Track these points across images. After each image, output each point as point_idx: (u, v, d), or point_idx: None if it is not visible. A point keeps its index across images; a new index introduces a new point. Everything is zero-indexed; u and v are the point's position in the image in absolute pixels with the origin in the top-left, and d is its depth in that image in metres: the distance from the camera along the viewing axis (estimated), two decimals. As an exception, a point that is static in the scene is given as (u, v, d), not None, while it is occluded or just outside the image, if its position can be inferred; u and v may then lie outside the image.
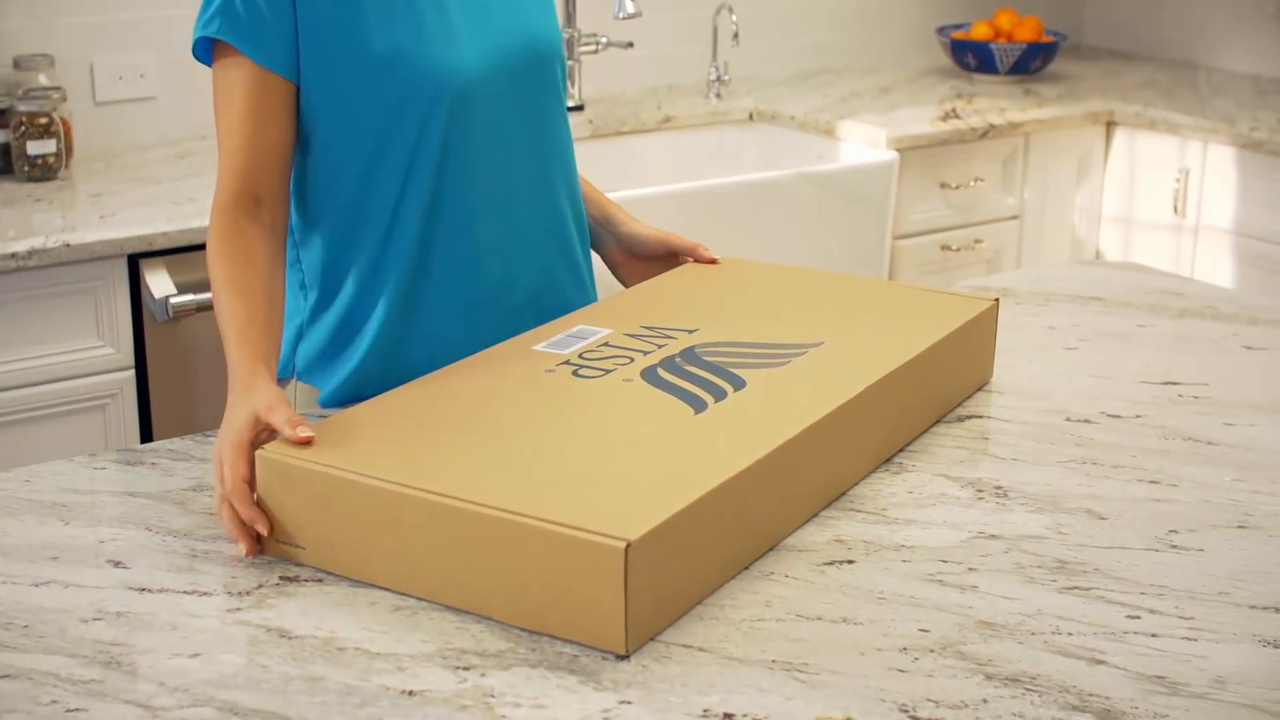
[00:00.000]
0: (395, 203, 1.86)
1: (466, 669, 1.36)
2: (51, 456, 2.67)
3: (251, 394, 1.63)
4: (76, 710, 1.29)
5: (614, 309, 1.94)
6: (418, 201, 1.85)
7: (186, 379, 2.88)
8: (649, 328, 1.86)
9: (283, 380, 1.96)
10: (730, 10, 3.87)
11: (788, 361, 1.76)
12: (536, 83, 1.93)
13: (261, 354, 1.71)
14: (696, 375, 1.72)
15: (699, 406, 1.64)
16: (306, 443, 1.54)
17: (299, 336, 1.96)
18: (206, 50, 1.82)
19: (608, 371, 1.73)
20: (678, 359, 1.77)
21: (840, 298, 1.97)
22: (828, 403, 1.63)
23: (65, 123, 3.10)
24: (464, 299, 1.90)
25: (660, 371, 1.73)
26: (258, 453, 1.53)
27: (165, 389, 2.86)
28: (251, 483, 1.55)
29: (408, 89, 1.81)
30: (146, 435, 2.86)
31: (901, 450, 1.81)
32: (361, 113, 1.82)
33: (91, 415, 2.79)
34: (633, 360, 1.76)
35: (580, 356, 1.77)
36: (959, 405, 1.93)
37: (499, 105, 1.89)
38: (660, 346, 1.80)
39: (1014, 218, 3.87)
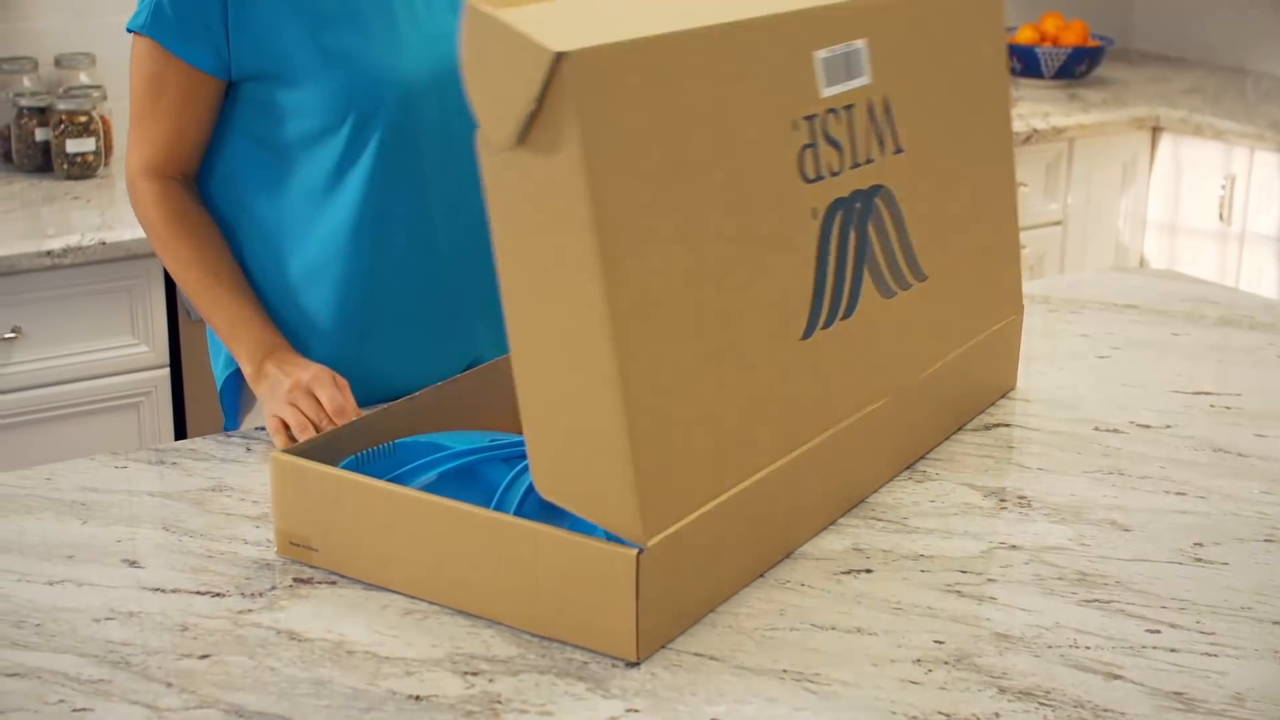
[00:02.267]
0: (337, 206, 1.86)
1: (475, 674, 1.35)
2: (85, 453, 2.68)
3: (313, 362, 1.79)
4: (83, 710, 1.29)
5: None
6: (360, 206, 1.85)
7: (221, 378, 2.89)
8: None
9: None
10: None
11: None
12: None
13: (274, 327, 1.86)
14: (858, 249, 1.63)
15: (810, 326, 1.56)
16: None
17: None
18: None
19: (834, 173, 1.59)
20: (859, 205, 1.64)
21: None
22: (848, 410, 1.61)
23: (105, 121, 3.11)
24: (416, 305, 1.91)
25: (839, 217, 1.61)
26: (271, 454, 1.53)
27: (199, 388, 2.87)
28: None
29: (349, 92, 1.81)
30: (180, 433, 2.87)
31: (926, 457, 1.79)
32: (305, 111, 1.83)
33: (125, 413, 2.80)
34: (840, 166, 1.61)
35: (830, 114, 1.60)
36: (986, 412, 1.91)
37: (445, 112, 1.86)
38: (862, 163, 1.64)
39: (1057, 223, 3.84)
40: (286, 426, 1.74)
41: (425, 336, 1.92)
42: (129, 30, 1.83)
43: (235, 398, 1.99)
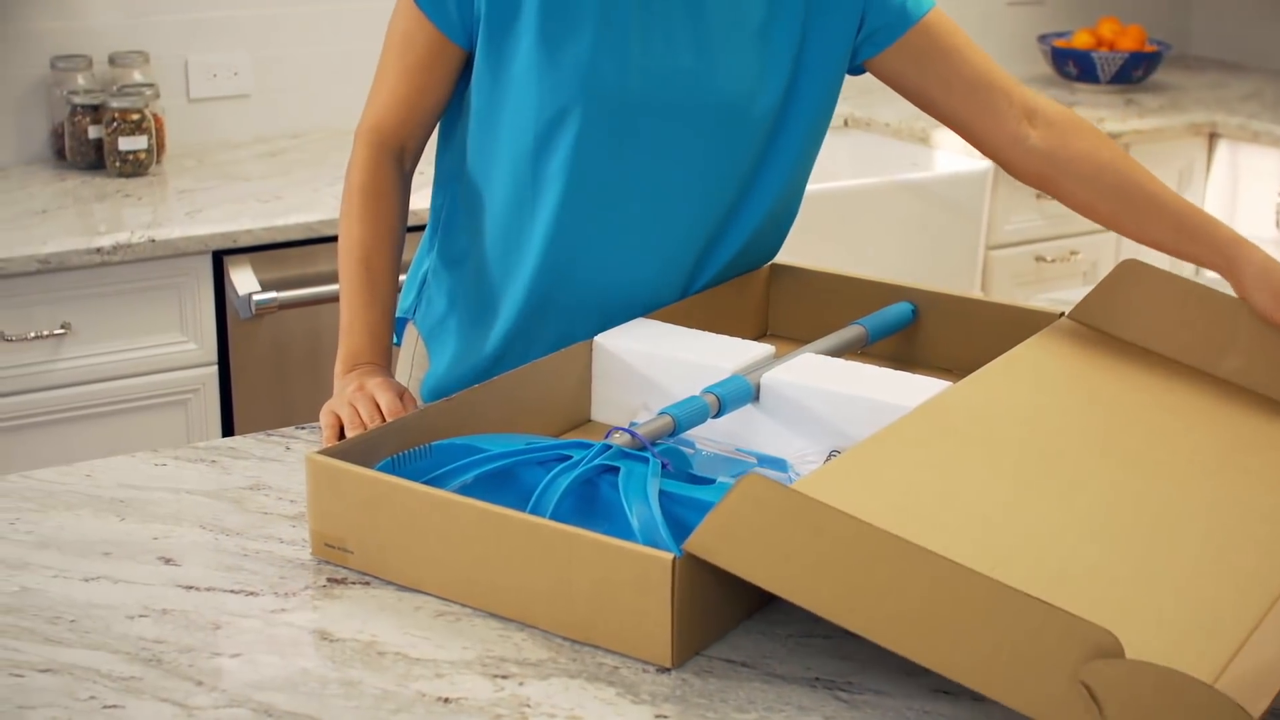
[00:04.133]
0: (525, 201, 1.89)
1: (505, 677, 1.35)
2: (133, 450, 2.70)
3: (387, 374, 1.83)
4: (113, 707, 1.30)
5: None
6: (543, 206, 1.87)
7: (268, 376, 2.90)
8: None
9: (400, 322, 2.07)
10: (826, 16, 3.83)
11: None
12: (702, 128, 1.87)
13: (385, 344, 1.87)
14: None
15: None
16: None
17: (423, 283, 2.03)
18: None
19: None
20: None
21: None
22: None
23: (158, 119, 3.13)
24: (572, 309, 1.93)
25: None
26: (306, 455, 1.53)
27: (247, 386, 2.88)
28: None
29: (557, 93, 1.82)
30: (228, 431, 2.88)
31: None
32: (519, 103, 1.85)
33: (174, 410, 2.82)
34: None
35: None
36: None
37: (654, 131, 1.86)
38: None
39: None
40: (340, 426, 1.74)
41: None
42: None
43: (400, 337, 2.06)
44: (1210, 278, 2.21)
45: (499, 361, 1.94)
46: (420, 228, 2.74)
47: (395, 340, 2.03)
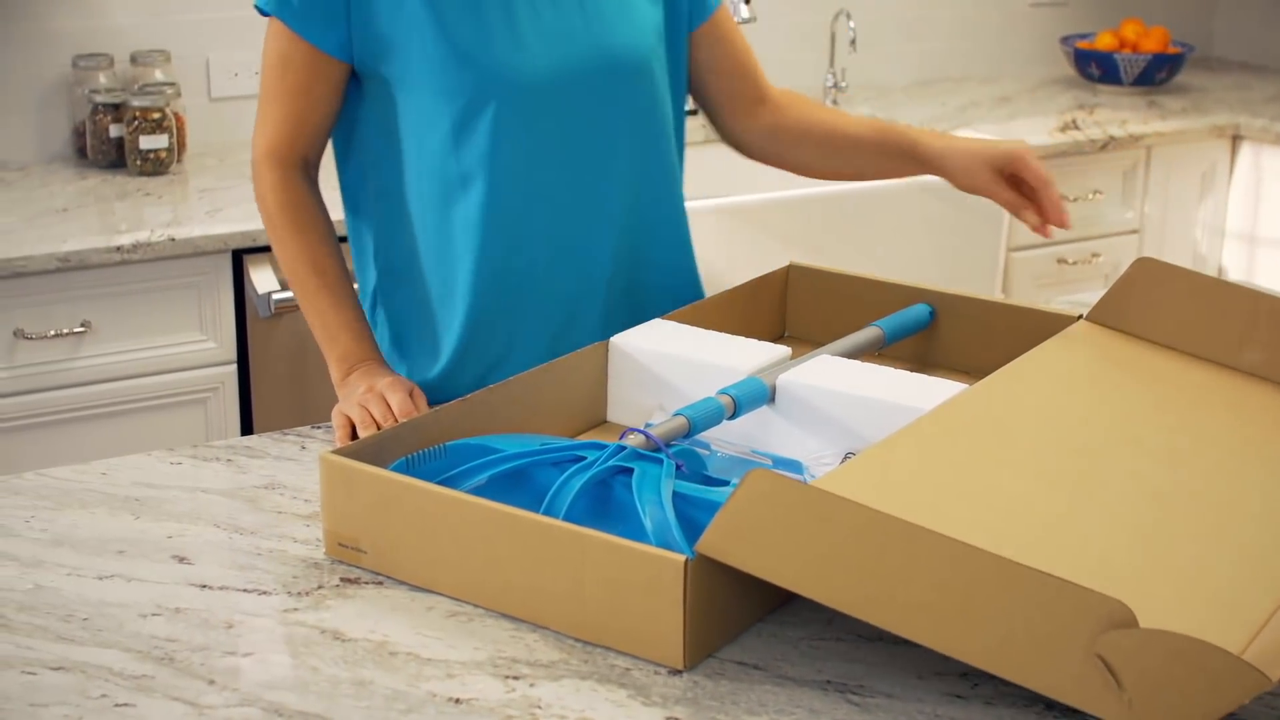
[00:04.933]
0: (453, 196, 1.88)
1: (516, 678, 1.35)
2: (152, 448, 2.70)
3: (398, 375, 1.84)
4: (124, 705, 1.30)
5: None
6: (473, 196, 1.87)
7: (287, 375, 2.90)
8: None
9: None
10: (848, 16, 3.83)
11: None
12: (609, 95, 1.91)
13: (370, 339, 1.89)
14: None
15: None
16: None
17: (372, 311, 2.02)
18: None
19: None
20: None
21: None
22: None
23: (179, 118, 3.13)
24: (523, 301, 1.93)
25: None
26: (320, 455, 1.53)
27: (266, 384, 2.89)
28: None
29: (463, 87, 1.83)
30: (247, 429, 2.88)
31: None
32: (421, 104, 1.85)
33: (193, 409, 2.82)
34: None
35: None
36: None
37: (562, 112, 1.87)
38: None
39: (1133, 232, 3.79)
40: (352, 427, 1.75)
41: (530, 333, 1.94)
42: (257, 9, 1.86)
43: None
44: (1232, 277, 2.20)
45: (460, 365, 1.93)
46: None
47: None
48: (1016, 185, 1.95)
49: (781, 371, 1.77)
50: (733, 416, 1.71)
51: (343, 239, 2.02)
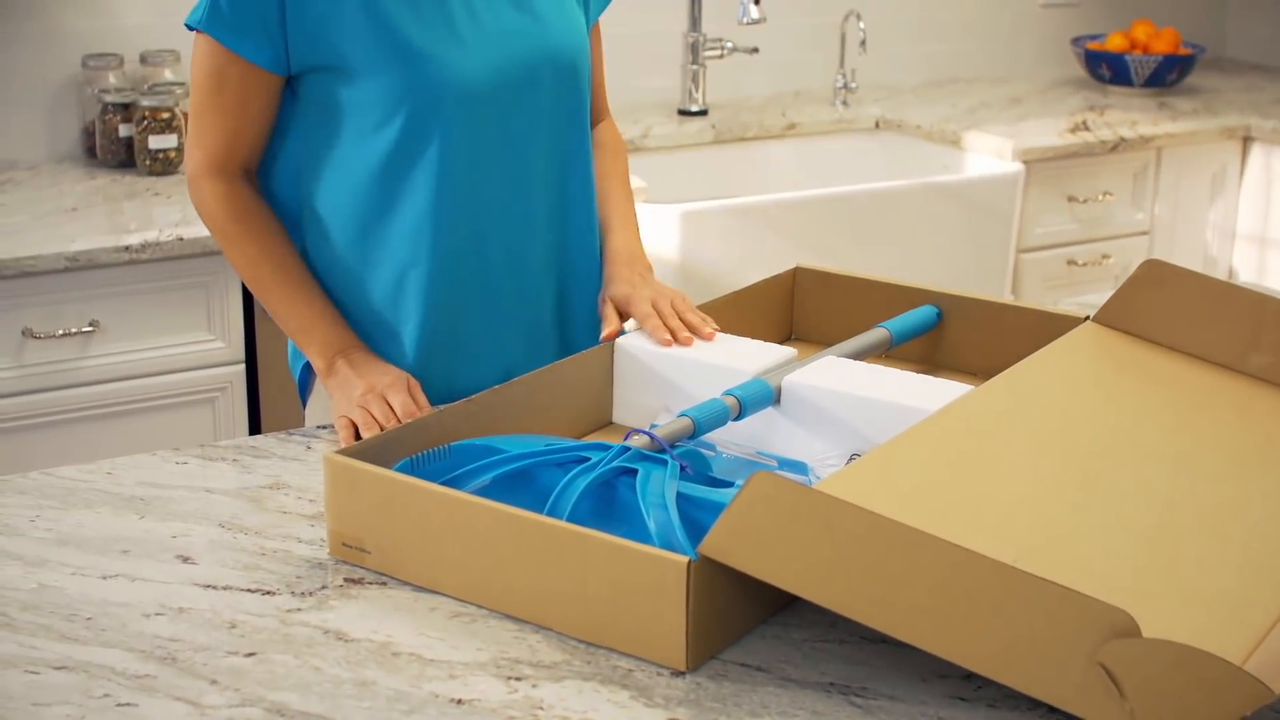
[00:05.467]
0: (399, 206, 1.86)
1: (518, 679, 1.34)
2: (160, 448, 2.70)
3: (389, 365, 1.83)
4: (126, 705, 1.30)
5: None
6: (421, 205, 1.85)
7: (295, 375, 2.90)
8: None
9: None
10: (858, 17, 3.83)
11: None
12: (549, 93, 1.90)
13: (346, 326, 1.89)
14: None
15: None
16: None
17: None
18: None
19: None
20: None
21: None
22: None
23: (187, 118, 3.13)
24: (466, 306, 1.91)
25: None
26: (325, 455, 1.53)
27: (274, 384, 2.89)
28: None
29: (406, 91, 1.81)
30: (255, 429, 2.89)
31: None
32: (362, 110, 1.83)
33: (201, 408, 2.82)
34: None
35: None
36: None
37: (504, 112, 1.87)
38: None
39: (1143, 233, 3.79)
40: (355, 428, 1.75)
41: (473, 338, 1.92)
42: (187, 26, 1.84)
43: (309, 388, 2.01)
44: (1242, 279, 2.20)
45: (423, 371, 1.90)
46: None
47: (302, 393, 2.03)
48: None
49: (787, 373, 1.77)
50: (738, 418, 1.71)
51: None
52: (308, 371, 1.99)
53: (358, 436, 1.74)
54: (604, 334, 1.89)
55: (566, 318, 1.99)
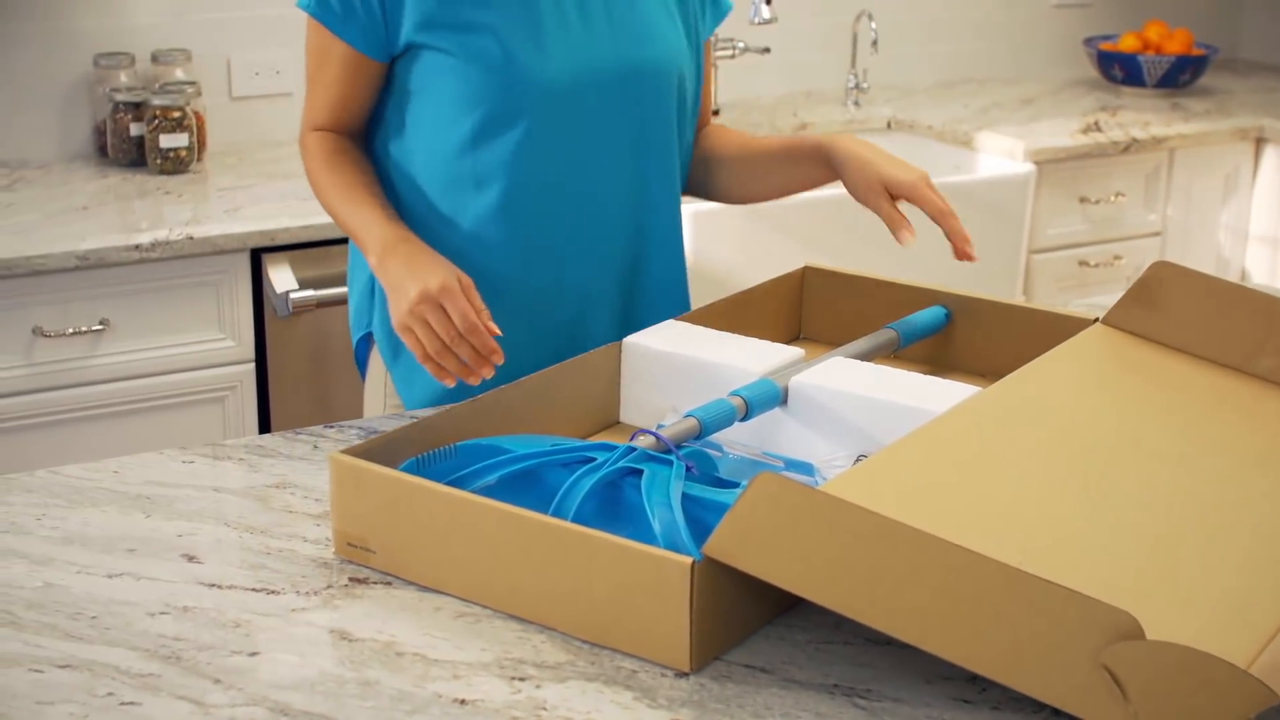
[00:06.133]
0: (473, 193, 1.90)
1: (522, 679, 1.34)
2: (170, 447, 2.71)
3: (438, 260, 1.79)
4: (130, 704, 1.30)
5: None
6: (491, 199, 1.90)
7: (305, 374, 2.90)
8: None
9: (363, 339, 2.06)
10: (870, 17, 3.82)
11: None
12: (631, 102, 1.93)
13: (401, 222, 1.88)
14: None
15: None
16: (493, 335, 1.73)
17: (372, 289, 2.02)
18: None
19: None
20: None
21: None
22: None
23: (199, 117, 3.14)
24: (516, 302, 1.93)
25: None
26: (330, 455, 1.53)
27: (284, 383, 2.89)
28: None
29: (486, 92, 1.85)
30: (265, 428, 2.89)
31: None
32: (442, 105, 1.88)
33: (211, 407, 2.83)
34: None
35: None
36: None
37: (582, 118, 1.89)
38: None
39: (1156, 234, 3.78)
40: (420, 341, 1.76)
41: (545, 333, 1.96)
42: (299, 5, 1.90)
43: (366, 360, 2.06)
44: (1255, 281, 2.19)
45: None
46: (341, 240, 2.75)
47: (359, 366, 2.05)
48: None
49: (795, 373, 1.77)
50: (745, 418, 1.71)
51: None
52: (365, 344, 2.05)
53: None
54: (902, 236, 1.93)
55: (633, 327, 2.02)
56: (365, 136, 1.99)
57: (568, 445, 1.58)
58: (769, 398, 1.73)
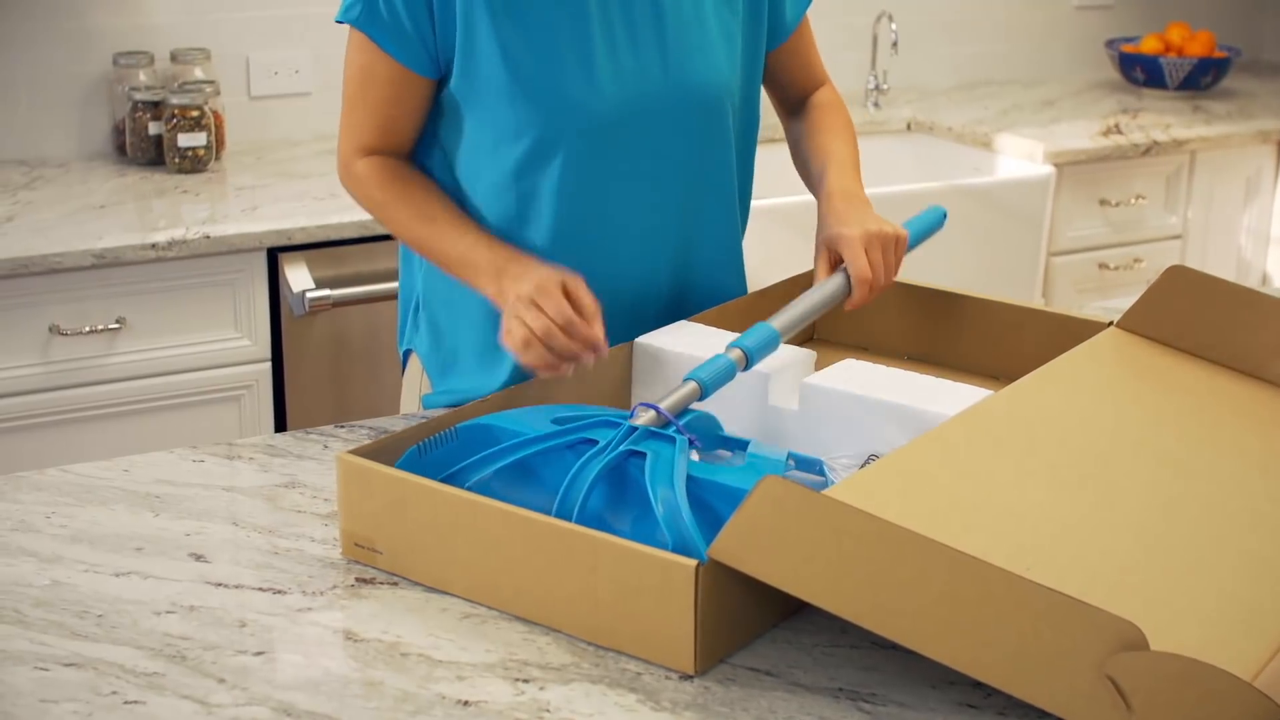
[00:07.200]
0: (512, 220, 1.86)
1: (526, 681, 1.34)
2: (186, 445, 2.71)
3: (541, 266, 1.74)
4: (134, 703, 1.30)
5: None
6: (536, 224, 1.85)
7: (321, 373, 2.91)
8: None
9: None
10: (890, 18, 3.81)
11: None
12: (680, 127, 1.88)
13: (502, 243, 1.82)
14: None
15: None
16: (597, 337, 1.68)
17: (416, 309, 2.00)
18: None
19: None
20: None
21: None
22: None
23: (217, 116, 3.14)
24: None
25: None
26: (337, 455, 1.53)
27: (301, 383, 2.89)
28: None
29: (532, 118, 1.80)
30: (280, 427, 2.89)
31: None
32: (486, 133, 1.83)
33: (227, 406, 2.83)
34: None
35: None
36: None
37: (631, 147, 1.85)
38: None
39: (1176, 237, 3.76)
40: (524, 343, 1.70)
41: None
42: (338, 21, 1.82)
43: (404, 366, 2.05)
44: (1276, 284, 2.18)
45: (522, 377, 1.87)
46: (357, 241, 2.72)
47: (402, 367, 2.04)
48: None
49: (806, 374, 1.76)
50: (746, 369, 1.69)
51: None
52: (406, 354, 2.03)
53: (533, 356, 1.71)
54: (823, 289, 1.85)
55: None
56: (415, 158, 1.91)
57: (568, 416, 1.56)
58: (768, 342, 1.71)
